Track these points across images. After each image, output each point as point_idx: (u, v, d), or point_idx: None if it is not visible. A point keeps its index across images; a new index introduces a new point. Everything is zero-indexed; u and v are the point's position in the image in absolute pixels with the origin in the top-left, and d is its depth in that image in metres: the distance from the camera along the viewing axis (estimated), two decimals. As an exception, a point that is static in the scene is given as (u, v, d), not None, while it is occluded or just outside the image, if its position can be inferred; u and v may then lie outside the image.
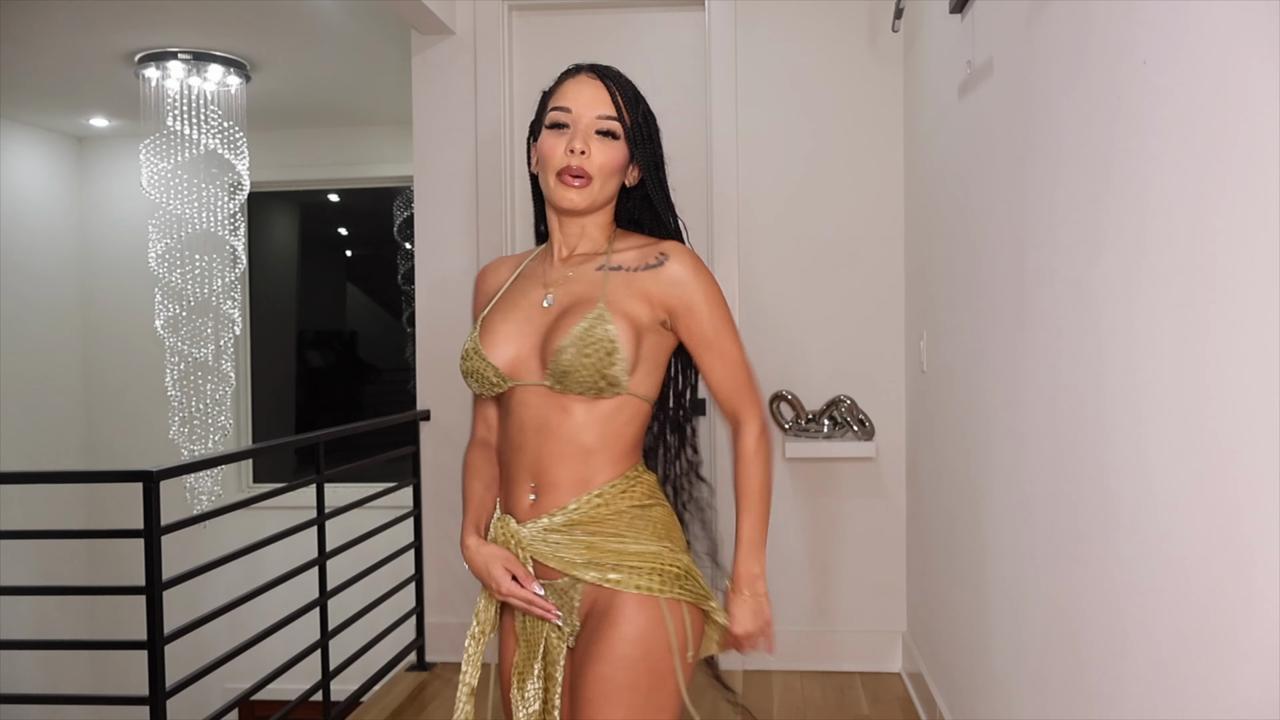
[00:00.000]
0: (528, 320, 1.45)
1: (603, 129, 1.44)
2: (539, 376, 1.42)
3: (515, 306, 1.48)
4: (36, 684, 4.92)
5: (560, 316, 1.42)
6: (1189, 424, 1.12)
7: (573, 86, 1.46)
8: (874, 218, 3.35)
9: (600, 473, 1.42)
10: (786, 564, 3.39)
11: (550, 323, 1.43)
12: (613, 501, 1.42)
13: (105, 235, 5.53)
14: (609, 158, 1.44)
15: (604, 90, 1.45)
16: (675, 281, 1.43)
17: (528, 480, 1.43)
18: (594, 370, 1.36)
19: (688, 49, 3.48)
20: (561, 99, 1.46)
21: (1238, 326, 1.00)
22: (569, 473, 1.41)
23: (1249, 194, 0.98)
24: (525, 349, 1.43)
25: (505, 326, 1.46)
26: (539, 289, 1.48)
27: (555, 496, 1.41)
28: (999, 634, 2.04)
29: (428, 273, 3.48)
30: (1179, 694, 1.15)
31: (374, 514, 3.42)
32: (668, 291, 1.43)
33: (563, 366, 1.37)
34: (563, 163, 1.42)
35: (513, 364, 1.44)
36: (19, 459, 5.08)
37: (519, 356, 1.44)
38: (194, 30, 3.85)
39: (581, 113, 1.43)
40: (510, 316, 1.47)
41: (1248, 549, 0.99)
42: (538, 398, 1.42)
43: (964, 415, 2.38)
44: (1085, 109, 1.46)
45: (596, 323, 1.37)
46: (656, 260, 1.45)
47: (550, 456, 1.41)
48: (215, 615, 2.36)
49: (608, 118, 1.44)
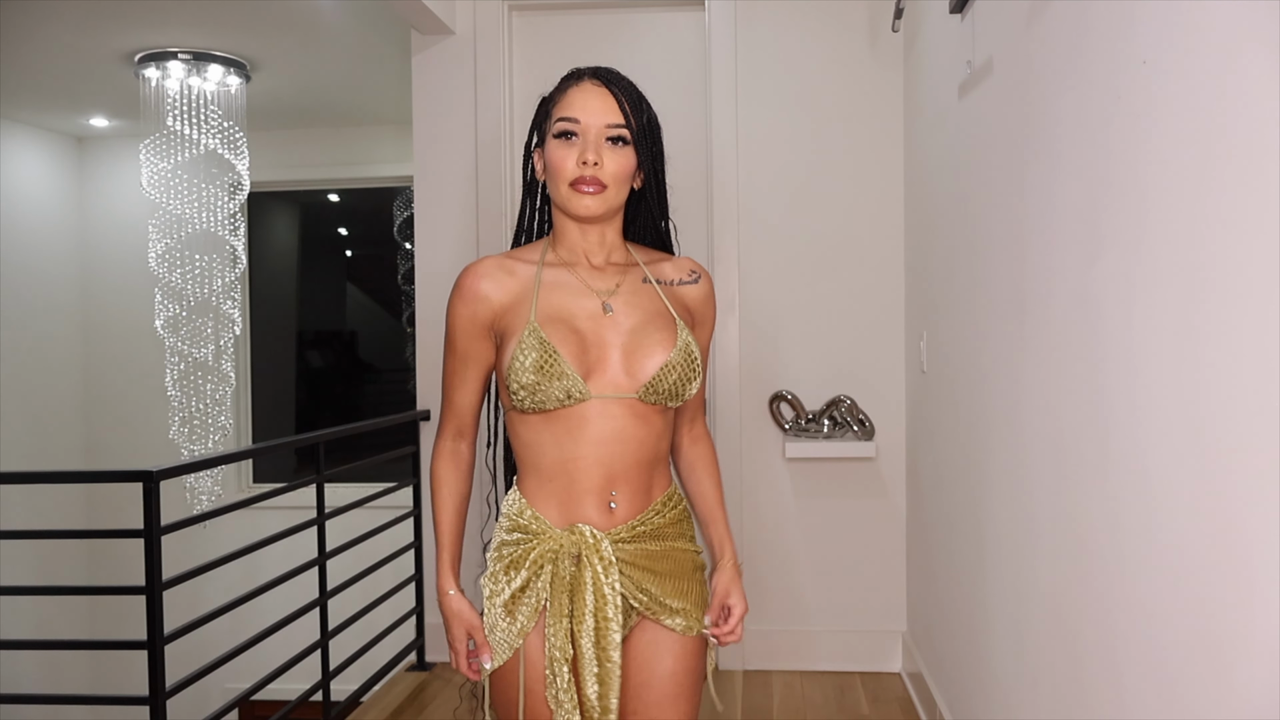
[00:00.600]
0: (596, 331, 1.44)
1: (612, 136, 1.45)
2: (625, 389, 1.43)
3: (574, 314, 1.44)
4: (36, 684, 4.92)
5: (640, 330, 1.45)
6: (1189, 423, 1.12)
7: (579, 95, 1.45)
8: (874, 218, 3.35)
9: (659, 479, 1.51)
10: (787, 564, 3.39)
11: (629, 334, 1.44)
12: (669, 512, 1.51)
13: (105, 235, 5.53)
14: (620, 165, 1.45)
15: (611, 98, 1.45)
16: (705, 299, 1.58)
17: (608, 489, 1.44)
18: (684, 385, 1.45)
19: (688, 49, 3.48)
20: (569, 109, 1.45)
21: (1237, 326, 1.00)
22: (641, 479, 1.47)
23: (1248, 193, 0.98)
24: (607, 360, 1.43)
25: (574, 337, 1.42)
26: (588, 297, 1.46)
27: (633, 504, 1.47)
28: (999, 634, 2.04)
29: (428, 273, 3.48)
30: (1179, 694, 1.15)
31: (374, 514, 3.42)
32: (697, 305, 1.56)
33: (668, 385, 1.43)
34: (576, 174, 1.43)
35: (591, 374, 1.42)
36: (19, 459, 5.08)
37: (599, 367, 1.42)
38: (194, 30, 3.85)
39: (591, 122, 1.44)
40: (575, 325, 1.43)
41: (1248, 549, 0.99)
42: (621, 409, 1.43)
43: (964, 415, 2.38)
44: (1085, 109, 1.46)
45: (691, 341, 1.46)
46: (691, 276, 1.57)
47: (629, 465, 1.45)
48: (215, 615, 2.36)
49: (617, 125, 1.45)
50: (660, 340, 1.44)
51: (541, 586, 1.43)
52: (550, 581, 1.42)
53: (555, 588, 1.42)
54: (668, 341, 1.44)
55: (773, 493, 3.39)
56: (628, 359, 1.43)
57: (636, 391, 1.43)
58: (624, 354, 1.43)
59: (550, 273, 1.48)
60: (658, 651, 1.47)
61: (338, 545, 2.97)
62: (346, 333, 6.37)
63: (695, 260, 1.61)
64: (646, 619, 1.48)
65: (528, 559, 1.44)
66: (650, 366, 1.43)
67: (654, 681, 1.47)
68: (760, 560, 3.40)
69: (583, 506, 1.44)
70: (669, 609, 1.47)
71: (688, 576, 1.50)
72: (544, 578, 1.43)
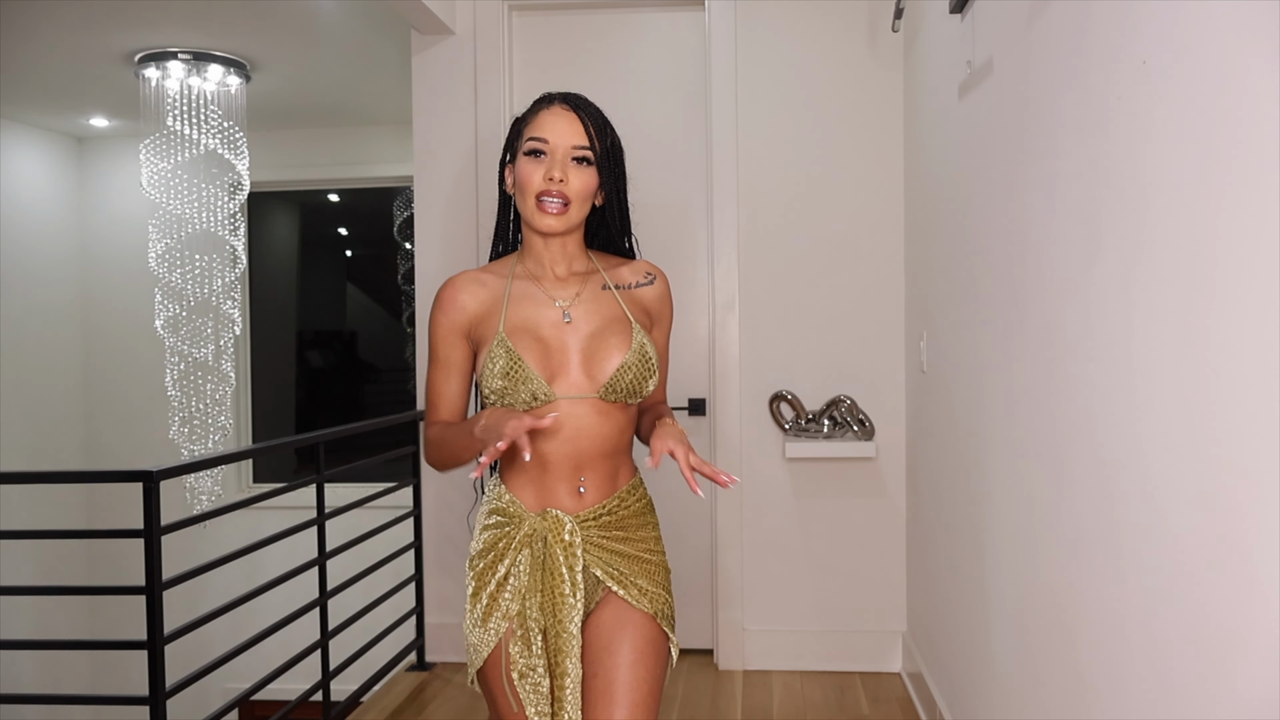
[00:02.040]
0: (558, 338, 1.60)
1: (577, 156, 1.61)
2: (586, 389, 1.59)
3: (538, 324, 1.61)
4: (36, 684, 4.92)
5: (597, 334, 1.61)
6: (1188, 423, 1.12)
7: (549, 118, 1.62)
8: (874, 218, 3.35)
9: (623, 469, 1.67)
10: (787, 564, 3.39)
11: (587, 340, 1.61)
12: (633, 504, 1.67)
13: (105, 235, 5.53)
14: (584, 183, 1.61)
15: (578, 122, 1.61)
16: (661, 297, 1.74)
17: (576, 477, 1.61)
18: (640, 383, 1.61)
19: (688, 49, 3.48)
20: (539, 129, 1.61)
21: (1237, 326, 1.00)
22: (607, 467, 1.63)
23: (1248, 193, 0.98)
24: (568, 364, 1.60)
25: (538, 345, 1.59)
26: (551, 307, 1.63)
27: (600, 489, 1.63)
28: (999, 634, 2.05)
29: (427, 273, 3.48)
30: (1178, 694, 1.15)
31: (374, 514, 3.42)
32: (654, 305, 1.72)
33: (625, 383, 1.59)
34: (542, 187, 1.59)
35: (554, 378, 1.58)
36: (19, 459, 5.08)
37: (561, 371, 1.59)
38: (194, 30, 3.85)
39: (559, 143, 1.60)
40: (539, 334, 1.60)
41: (1248, 549, 0.99)
42: (584, 407, 1.59)
43: (964, 415, 2.38)
44: (1085, 109, 1.46)
45: (645, 342, 1.62)
46: (647, 278, 1.73)
47: (594, 455, 1.61)
48: (215, 615, 2.36)
49: (582, 147, 1.61)
50: (616, 344, 1.61)
51: (520, 570, 1.59)
52: (528, 563, 1.58)
53: (531, 566, 1.58)
54: (623, 345, 1.61)
55: (773, 493, 3.39)
56: (587, 362, 1.60)
57: (597, 391, 1.59)
58: (584, 358, 1.60)
59: (518, 285, 1.66)
60: (622, 626, 1.60)
61: (338, 545, 2.97)
62: (346, 333, 6.36)
63: (651, 263, 1.77)
64: (614, 594, 1.62)
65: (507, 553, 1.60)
66: (608, 368, 1.59)
67: (615, 648, 1.58)
68: (760, 560, 3.40)
69: (555, 493, 1.61)
70: (638, 586, 1.62)
71: (652, 563, 1.66)
72: (521, 562, 1.59)
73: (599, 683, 1.56)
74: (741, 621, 3.40)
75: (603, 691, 1.55)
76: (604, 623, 1.61)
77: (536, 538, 1.58)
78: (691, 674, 3.35)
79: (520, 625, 1.57)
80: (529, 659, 1.56)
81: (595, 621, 1.62)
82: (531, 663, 1.56)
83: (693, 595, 3.43)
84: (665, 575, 1.68)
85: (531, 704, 1.55)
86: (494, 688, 1.60)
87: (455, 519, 3.46)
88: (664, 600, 1.64)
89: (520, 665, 1.56)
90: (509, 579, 1.59)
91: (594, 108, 1.65)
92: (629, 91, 3.46)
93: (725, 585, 3.40)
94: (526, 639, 1.56)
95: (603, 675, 1.57)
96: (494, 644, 1.59)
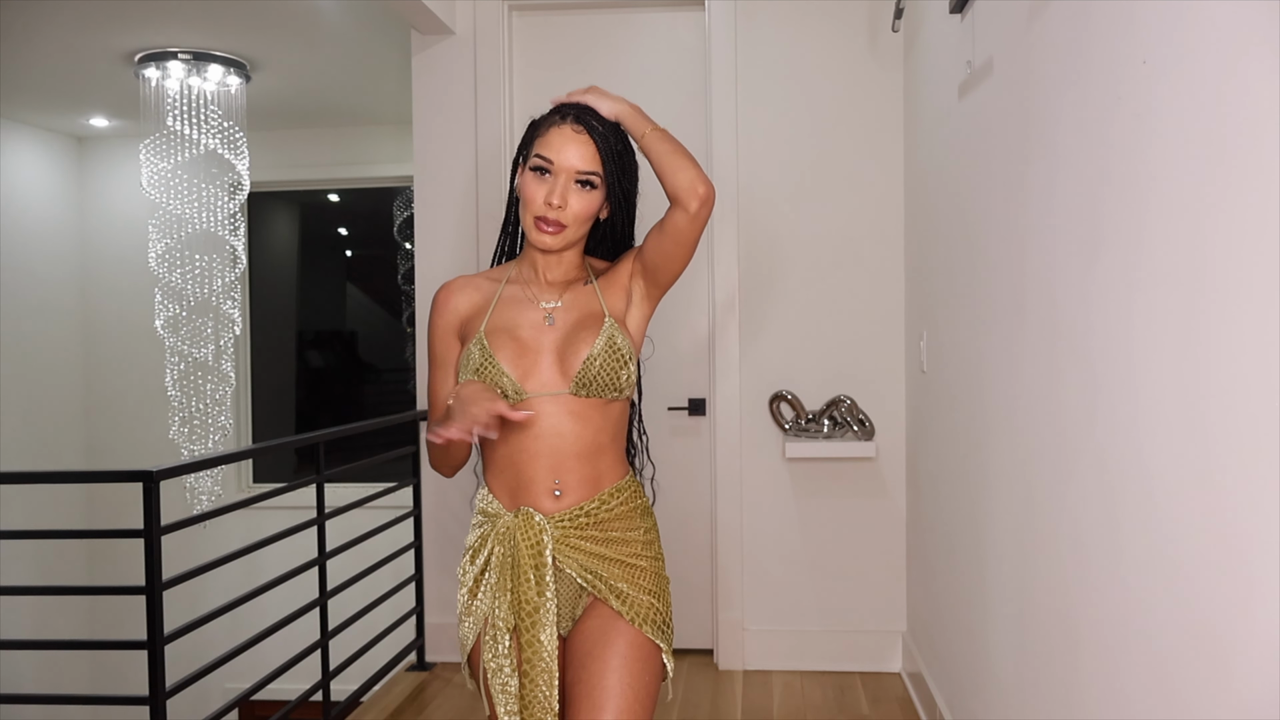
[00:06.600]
0: (535, 338, 1.60)
1: (582, 180, 1.59)
2: (558, 386, 1.58)
3: (518, 325, 1.62)
4: (36, 684, 4.92)
5: (573, 331, 1.60)
6: (1189, 423, 1.12)
7: (558, 138, 1.59)
8: (874, 218, 3.35)
9: (608, 471, 1.63)
10: (787, 564, 3.39)
11: (562, 338, 1.60)
12: (617, 506, 1.63)
13: (105, 235, 5.53)
14: (584, 206, 1.60)
15: (589, 145, 1.59)
16: (624, 260, 1.70)
17: (550, 478, 1.58)
18: (612, 374, 1.58)
19: (688, 49, 3.48)
20: (546, 148, 1.59)
21: (1238, 326, 1.00)
22: (585, 470, 1.60)
23: (1249, 193, 0.98)
24: (541, 363, 1.59)
25: (513, 344, 1.59)
26: (534, 310, 1.64)
27: (579, 492, 1.60)
28: (999, 634, 2.05)
29: (428, 273, 3.48)
30: (1178, 693, 1.15)
31: (374, 514, 3.42)
32: (622, 272, 1.68)
33: (593, 375, 1.56)
34: (540, 211, 1.58)
35: (527, 377, 1.58)
36: (19, 459, 5.08)
37: (534, 370, 1.58)
38: (194, 30, 3.85)
39: (563, 165, 1.58)
40: (517, 334, 1.60)
41: (1248, 549, 0.99)
42: (556, 406, 1.58)
43: (964, 415, 2.38)
44: (1085, 109, 1.46)
45: (615, 333, 1.60)
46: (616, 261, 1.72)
47: (569, 456, 1.58)
48: (215, 615, 2.36)
49: (588, 173, 1.59)
50: (586, 338, 1.60)
51: (492, 568, 1.59)
52: (499, 561, 1.58)
53: (501, 565, 1.58)
54: (593, 337, 1.60)
55: (773, 493, 3.39)
56: (560, 359, 1.59)
57: (568, 387, 1.57)
58: (557, 356, 1.60)
59: (510, 289, 1.68)
60: (606, 633, 1.58)
61: (338, 545, 2.97)
62: (346, 333, 6.36)
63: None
64: (596, 600, 1.60)
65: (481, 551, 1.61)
66: (577, 361, 1.58)
67: (599, 653, 1.56)
68: (760, 560, 3.40)
69: (530, 493, 1.59)
70: (617, 591, 1.59)
71: (639, 568, 1.62)
72: (494, 561, 1.59)
73: (582, 689, 1.54)
74: (741, 621, 3.40)
75: (584, 697, 1.53)
76: (589, 630, 1.59)
77: (507, 536, 1.58)
78: (691, 674, 3.35)
79: (491, 624, 1.58)
80: (496, 658, 1.56)
81: (581, 628, 1.60)
82: (499, 662, 1.55)
83: (693, 595, 3.43)
84: (655, 581, 1.63)
85: (501, 703, 1.55)
86: (479, 684, 1.63)
87: (455, 519, 3.46)
88: (650, 607, 1.60)
89: (490, 664, 1.56)
90: (484, 576, 1.60)
91: (608, 126, 1.61)
92: (629, 92, 3.43)
93: (725, 585, 3.40)
94: (495, 638, 1.57)
95: (585, 682, 1.54)
96: (472, 640, 1.62)
